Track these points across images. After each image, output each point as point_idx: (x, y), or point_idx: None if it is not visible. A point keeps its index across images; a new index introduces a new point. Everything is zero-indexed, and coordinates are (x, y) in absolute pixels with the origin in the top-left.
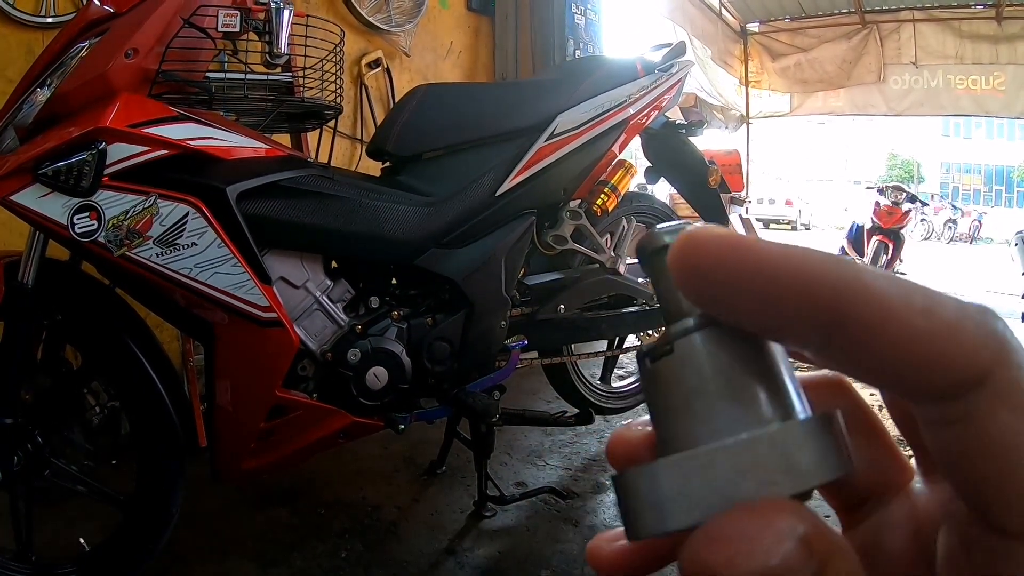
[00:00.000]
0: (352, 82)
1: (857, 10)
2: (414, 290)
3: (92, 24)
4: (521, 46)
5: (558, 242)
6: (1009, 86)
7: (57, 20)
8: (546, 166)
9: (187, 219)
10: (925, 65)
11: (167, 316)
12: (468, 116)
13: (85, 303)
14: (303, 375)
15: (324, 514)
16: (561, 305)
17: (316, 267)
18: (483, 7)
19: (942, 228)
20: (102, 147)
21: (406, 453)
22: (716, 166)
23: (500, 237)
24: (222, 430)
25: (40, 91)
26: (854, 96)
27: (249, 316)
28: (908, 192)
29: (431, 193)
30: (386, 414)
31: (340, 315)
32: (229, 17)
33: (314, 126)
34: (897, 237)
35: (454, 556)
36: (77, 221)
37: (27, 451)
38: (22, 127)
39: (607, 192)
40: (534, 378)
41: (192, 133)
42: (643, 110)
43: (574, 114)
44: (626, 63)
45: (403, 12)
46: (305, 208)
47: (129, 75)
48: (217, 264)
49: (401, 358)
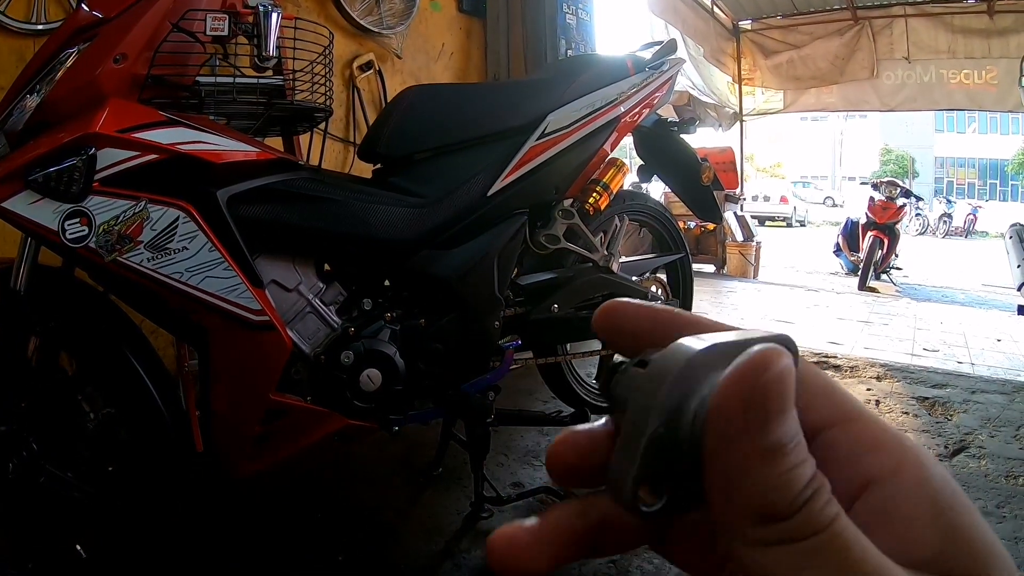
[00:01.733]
0: (344, 85)
1: (849, 6)
2: (407, 292)
3: (81, 30)
4: (513, 47)
5: (551, 241)
6: (1002, 80)
7: (47, 27)
8: (538, 165)
9: (178, 223)
10: (918, 60)
11: (160, 321)
12: (459, 116)
13: (78, 309)
14: (297, 378)
15: (321, 517)
16: (555, 304)
17: (308, 270)
18: (474, 9)
19: (937, 222)
20: (92, 152)
21: (402, 455)
22: (709, 163)
23: (493, 237)
24: (218, 435)
25: (30, 97)
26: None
27: (241, 320)
28: (902, 187)
29: (423, 194)
30: (380, 416)
31: (333, 318)
32: (218, 21)
33: (305, 129)
34: (892, 232)
35: (452, 558)
36: (68, 227)
37: (22, 458)
38: (12, 133)
39: (599, 190)
40: (529, 378)
41: (182, 137)
42: (634, 108)
43: (565, 112)
44: (617, 61)
45: (394, 14)
46: (296, 211)
47: (118, 80)
48: (208, 268)
49: (395, 360)
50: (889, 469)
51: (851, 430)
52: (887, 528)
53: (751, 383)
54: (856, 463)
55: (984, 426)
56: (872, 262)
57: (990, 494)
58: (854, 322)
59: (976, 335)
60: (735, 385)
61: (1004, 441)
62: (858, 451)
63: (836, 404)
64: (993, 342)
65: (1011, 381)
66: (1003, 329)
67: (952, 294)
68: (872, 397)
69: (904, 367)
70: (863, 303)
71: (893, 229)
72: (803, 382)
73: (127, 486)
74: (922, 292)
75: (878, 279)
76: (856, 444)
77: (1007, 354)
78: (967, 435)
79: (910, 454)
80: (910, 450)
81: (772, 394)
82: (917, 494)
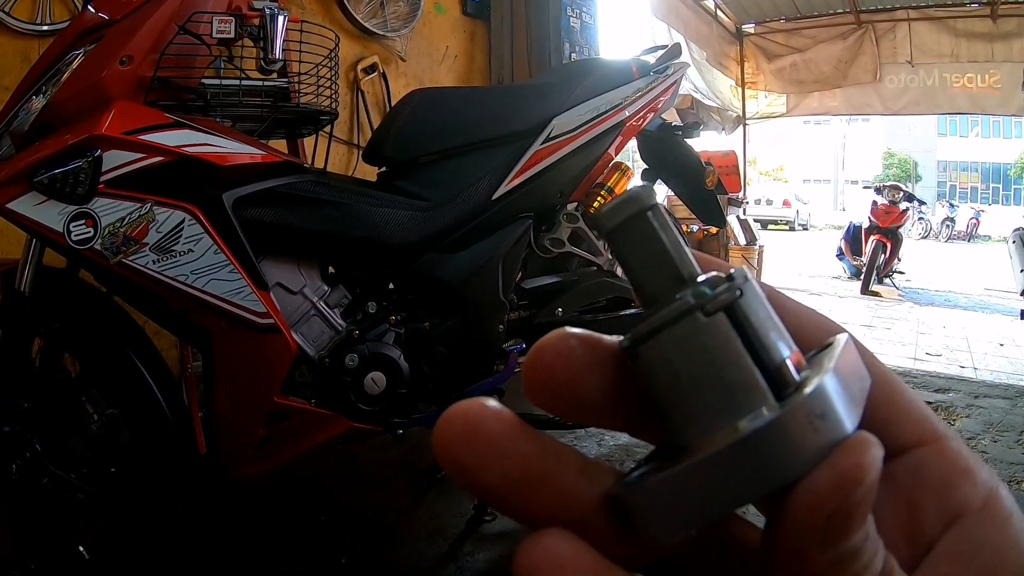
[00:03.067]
0: (348, 87)
1: (852, 10)
2: (411, 295)
3: (87, 31)
4: (517, 50)
5: (555, 245)
6: (1004, 83)
7: (53, 28)
8: (542, 169)
9: (183, 226)
10: (921, 64)
11: (164, 323)
12: (464, 120)
13: (83, 311)
14: (301, 381)
15: (324, 520)
16: (559, 308)
17: (313, 273)
18: (479, 12)
19: (940, 227)
20: (98, 154)
21: (405, 458)
22: (712, 167)
23: (497, 241)
24: (221, 437)
25: (36, 99)
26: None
27: (246, 322)
28: (905, 191)
29: (428, 197)
30: (384, 419)
31: (337, 320)
32: (224, 23)
33: (310, 131)
34: (895, 236)
35: (455, 561)
36: (73, 229)
37: (25, 459)
38: (18, 135)
39: (604, 195)
40: None
41: (188, 140)
42: (639, 112)
43: (570, 117)
44: (621, 65)
45: (399, 17)
46: (301, 214)
47: (124, 82)
48: (214, 271)
49: (399, 363)
50: (981, 500)
51: (941, 452)
52: (973, 566)
53: (841, 499)
54: (949, 491)
55: (987, 431)
56: (875, 266)
57: None
58: (857, 326)
59: (979, 339)
60: (821, 499)
61: (1007, 446)
62: (950, 478)
63: (922, 420)
64: (996, 346)
65: (1014, 386)
66: (1006, 334)
67: (955, 298)
68: None
69: (907, 371)
70: (866, 307)
71: (896, 233)
72: (886, 392)
73: (130, 487)
74: (925, 296)
75: (881, 283)
76: (949, 469)
77: (1010, 359)
78: (970, 440)
79: (995, 484)
80: (994, 479)
81: (860, 509)
82: (1006, 532)
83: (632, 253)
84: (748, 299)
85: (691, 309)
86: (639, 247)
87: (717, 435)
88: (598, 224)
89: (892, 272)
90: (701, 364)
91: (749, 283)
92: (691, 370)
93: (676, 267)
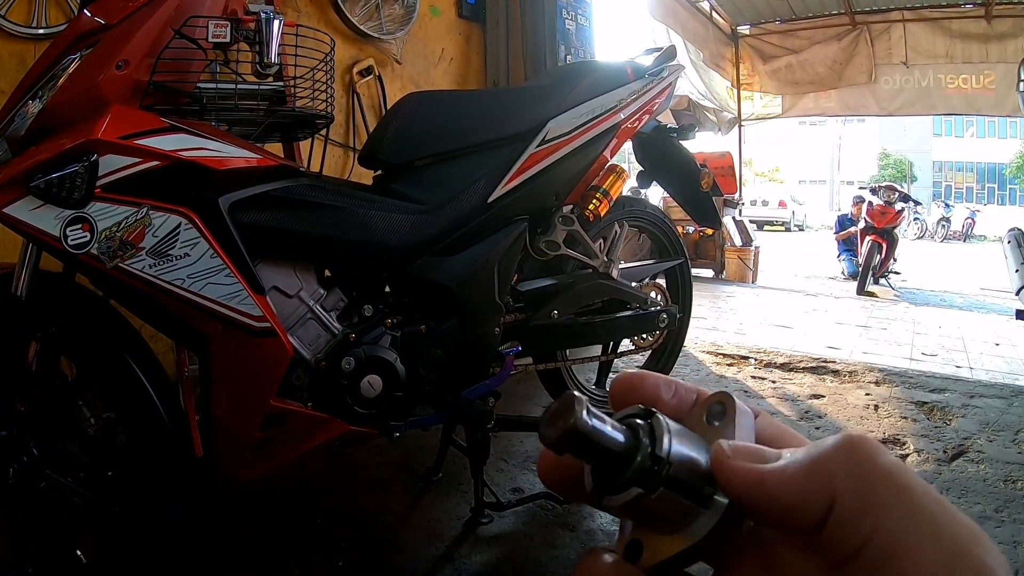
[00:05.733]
0: (344, 90)
1: (847, 11)
2: (407, 298)
3: (83, 36)
4: (512, 52)
5: (551, 248)
6: (999, 84)
7: (49, 31)
8: (538, 172)
9: (179, 230)
10: (916, 65)
11: (161, 327)
12: (459, 123)
13: (79, 314)
14: (297, 384)
15: (321, 523)
16: (555, 311)
17: (309, 276)
18: (474, 14)
19: (935, 227)
20: (94, 159)
21: (402, 461)
22: (708, 169)
23: (493, 243)
24: (218, 440)
25: (32, 103)
26: (845, 97)
27: (243, 326)
28: (901, 192)
29: (424, 200)
30: (381, 422)
31: (334, 324)
32: (220, 28)
33: (306, 135)
34: (890, 236)
35: (452, 563)
36: (70, 233)
37: (22, 463)
38: (14, 139)
39: (599, 197)
40: (529, 384)
41: (184, 144)
42: (634, 114)
43: (565, 119)
44: (617, 68)
45: (394, 20)
46: (298, 217)
47: (120, 86)
48: (210, 275)
49: (395, 366)
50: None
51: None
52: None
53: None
54: (780, 443)
55: (982, 430)
56: (870, 266)
57: (988, 498)
58: (852, 327)
59: (974, 339)
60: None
61: (1003, 445)
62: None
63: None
64: (991, 346)
65: (1009, 385)
66: (1001, 333)
67: (950, 298)
68: (871, 402)
69: (903, 372)
70: (861, 307)
71: (891, 233)
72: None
73: (127, 491)
74: (920, 296)
75: (876, 283)
76: (775, 429)
77: (1005, 358)
78: (965, 439)
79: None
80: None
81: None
82: (780, 426)
83: (578, 455)
84: (674, 458)
85: (640, 497)
86: (581, 452)
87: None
88: (541, 439)
89: (888, 272)
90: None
91: (669, 433)
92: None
93: (614, 451)
